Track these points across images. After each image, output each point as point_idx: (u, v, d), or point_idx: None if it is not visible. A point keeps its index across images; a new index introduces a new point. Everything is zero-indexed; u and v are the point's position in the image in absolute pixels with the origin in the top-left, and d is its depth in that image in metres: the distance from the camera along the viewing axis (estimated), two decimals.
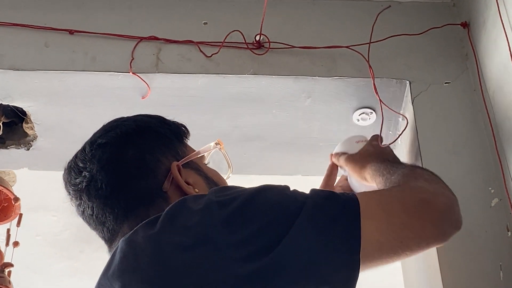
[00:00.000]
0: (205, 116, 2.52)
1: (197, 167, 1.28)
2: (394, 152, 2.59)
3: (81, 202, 1.22)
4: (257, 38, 2.43)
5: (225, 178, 1.36)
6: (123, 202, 1.18)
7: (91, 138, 1.27)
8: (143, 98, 2.41)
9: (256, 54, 2.42)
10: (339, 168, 1.95)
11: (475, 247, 2.03)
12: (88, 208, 1.21)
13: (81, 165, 1.23)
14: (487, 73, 2.28)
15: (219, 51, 2.40)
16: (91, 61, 2.37)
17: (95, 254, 3.57)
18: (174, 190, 1.20)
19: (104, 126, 1.30)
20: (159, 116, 1.35)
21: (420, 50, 2.46)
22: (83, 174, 1.21)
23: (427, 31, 2.45)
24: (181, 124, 1.35)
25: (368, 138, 1.64)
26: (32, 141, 2.58)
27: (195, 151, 1.32)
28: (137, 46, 2.40)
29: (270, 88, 2.44)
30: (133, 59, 2.37)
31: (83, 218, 1.24)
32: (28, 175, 2.85)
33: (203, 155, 1.34)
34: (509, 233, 2.05)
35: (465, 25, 2.46)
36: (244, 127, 2.58)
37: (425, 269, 2.16)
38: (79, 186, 1.22)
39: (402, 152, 2.49)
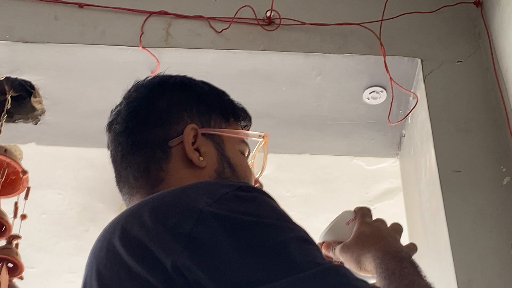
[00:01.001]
0: None
1: (220, 143, 1.19)
2: (404, 132, 2.58)
3: (108, 135, 1.22)
4: (268, 14, 2.41)
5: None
6: (129, 141, 1.16)
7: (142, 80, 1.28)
8: (152, 73, 2.39)
9: (267, 30, 2.40)
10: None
11: (486, 225, 2.02)
12: (110, 141, 1.20)
13: (121, 100, 1.23)
14: (500, 52, 2.26)
15: (229, 26, 2.38)
16: (100, 34, 2.36)
17: None
18: (179, 151, 1.14)
19: (158, 74, 1.29)
20: (221, 90, 1.27)
21: (432, 28, 2.44)
22: (117, 109, 1.21)
23: (439, 9, 2.43)
24: (241, 108, 1.27)
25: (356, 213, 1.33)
26: (40, 115, 2.56)
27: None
28: (147, 20, 2.38)
29: (280, 65, 2.42)
30: (142, 33, 2.35)
31: (109, 152, 1.23)
32: (35, 152, 2.84)
33: (241, 139, 1.23)
34: None
35: (478, 3, 2.44)
36: (253, 104, 2.52)
37: (435, 246, 2.15)
38: (109, 120, 1.21)
39: (413, 131, 2.48)
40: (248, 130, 1.27)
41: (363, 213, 1.29)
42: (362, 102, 2.55)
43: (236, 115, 1.25)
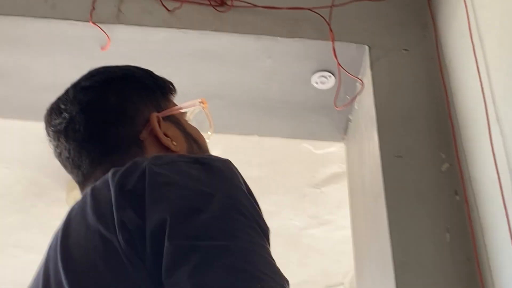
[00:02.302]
0: (164, 71, 2.45)
1: (177, 121, 1.26)
2: (351, 117, 2.64)
3: (58, 144, 1.22)
4: None
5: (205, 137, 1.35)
6: (99, 146, 1.18)
7: (75, 81, 1.27)
8: (102, 49, 2.39)
9: (219, 11, 2.42)
10: None
11: (424, 209, 2.09)
12: (65, 150, 1.20)
13: (62, 106, 1.22)
14: (445, 42, 2.32)
15: (181, 6, 2.39)
16: (51, 8, 2.34)
17: (47, 208, 3.54)
18: (151, 140, 1.20)
19: (90, 71, 1.29)
20: (148, 69, 1.33)
21: (381, 17, 2.49)
22: (63, 116, 1.21)
23: None
24: (169, 81, 1.33)
25: None
26: None
27: (177, 106, 1.32)
28: None
29: (231, 46, 2.44)
30: (93, 9, 2.35)
31: (59, 161, 1.23)
32: None
33: (185, 111, 1.32)
34: (458, 197, 2.10)
35: None
36: (203, 85, 2.58)
37: (375, 228, 2.21)
38: (58, 127, 1.21)
39: (359, 117, 2.53)
40: (174, 96, 1.33)
41: None
42: (311, 86, 2.59)
43: (170, 89, 1.31)
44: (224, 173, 1.00)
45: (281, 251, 3.80)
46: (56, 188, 3.43)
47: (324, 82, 2.55)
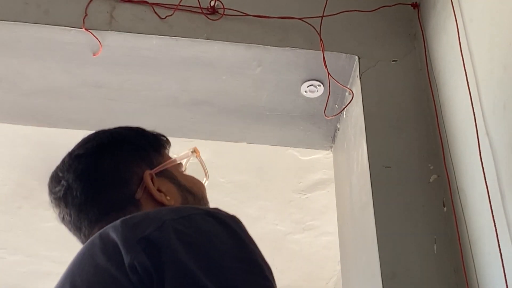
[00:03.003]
0: (155, 77, 2.53)
1: (171, 175, 1.33)
2: (339, 126, 2.66)
3: (60, 210, 1.30)
4: (212, 3, 2.44)
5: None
6: (97, 208, 1.25)
7: (71, 149, 1.35)
8: (94, 55, 2.40)
9: (210, 19, 2.44)
10: None
11: (412, 220, 2.11)
12: (67, 215, 1.28)
13: (60, 174, 1.30)
14: (434, 54, 2.35)
15: (173, 13, 2.40)
16: (43, 14, 2.34)
17: (33, 210, 3.53)
18: (146, 197, 1.26)
19: (83, 138, 1.37)
20: (139, 128, 1.40)
21: (370, 27, 2.52)
22: (62, 183, 1.29)
23: (378, 9, 2.51)
24: (161, 135, 1.41)
25: None
26: None
27: (171, 158, 1.37)
28: (91, 2, 2.37)
29: (222, 54, 2.46)
30: (86, 15, 2.35)
31: (64, 225, 1.32)
32: None
33: (180, 162, 1.39)
34: (445, 209, 2.13)
35: (415, 5, 2.52)
36: (193, 91, 2.60)
37: (362, 238, 2.23)
38: (58, 195, 1.29)
39: (348, 126, 2.55)
40: (168, 149, 1.40)
41: None
42: (300, 95, 2.61)
43: (162, 144, 1.39)
44: (238, 233, 1.06)
45: (265, 256, 3.79)
46: (43, 191, 3.37)
47: (313, 91, 2.58)
